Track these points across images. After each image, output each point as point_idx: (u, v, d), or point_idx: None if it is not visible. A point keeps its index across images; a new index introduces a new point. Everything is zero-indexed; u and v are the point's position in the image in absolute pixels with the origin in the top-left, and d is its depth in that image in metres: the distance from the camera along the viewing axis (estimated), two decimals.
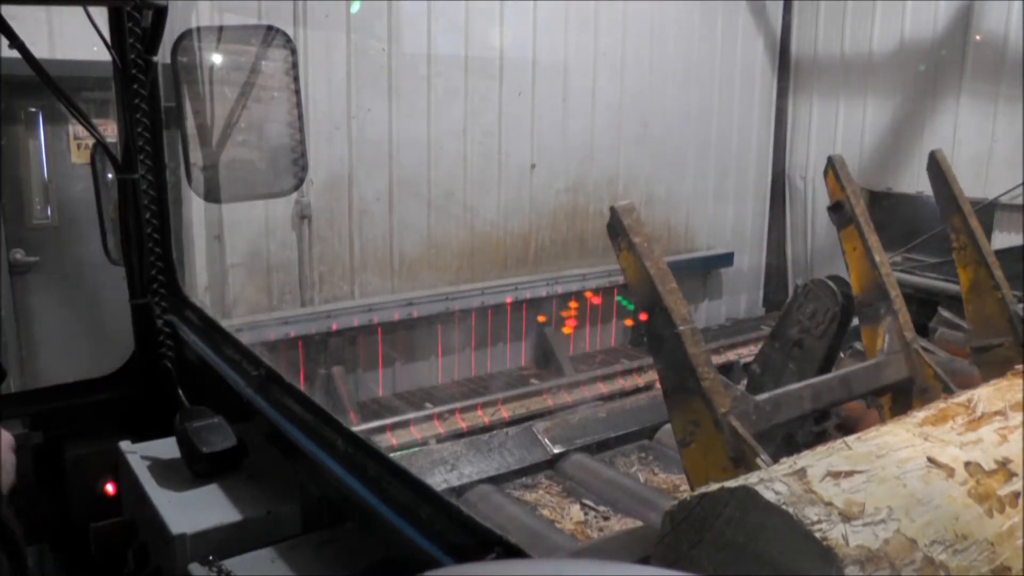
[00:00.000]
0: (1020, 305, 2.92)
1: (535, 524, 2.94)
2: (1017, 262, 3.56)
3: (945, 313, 4.20)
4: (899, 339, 2.65)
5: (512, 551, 1.27)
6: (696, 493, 1.40)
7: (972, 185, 6.07)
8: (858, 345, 3.63)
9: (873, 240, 2.75)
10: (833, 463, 1.44)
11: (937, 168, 2.99)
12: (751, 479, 1.36)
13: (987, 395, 1.80)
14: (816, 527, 1.24)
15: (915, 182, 7.48)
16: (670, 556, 1.41)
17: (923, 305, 4.28)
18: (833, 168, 2.82)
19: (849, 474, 1.39)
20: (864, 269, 2.76)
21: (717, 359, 5.94)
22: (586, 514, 3.11)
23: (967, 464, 1.47)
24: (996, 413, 1.68)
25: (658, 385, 2.62)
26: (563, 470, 3.40)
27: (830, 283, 3.04)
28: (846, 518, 1.27)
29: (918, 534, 1.28)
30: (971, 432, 1.60)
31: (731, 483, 1.37)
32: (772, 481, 1.34)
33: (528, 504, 3.16)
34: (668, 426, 2.84)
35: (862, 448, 1.52)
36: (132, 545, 2.03)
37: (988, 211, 6.79)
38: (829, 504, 1.29)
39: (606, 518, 3.09)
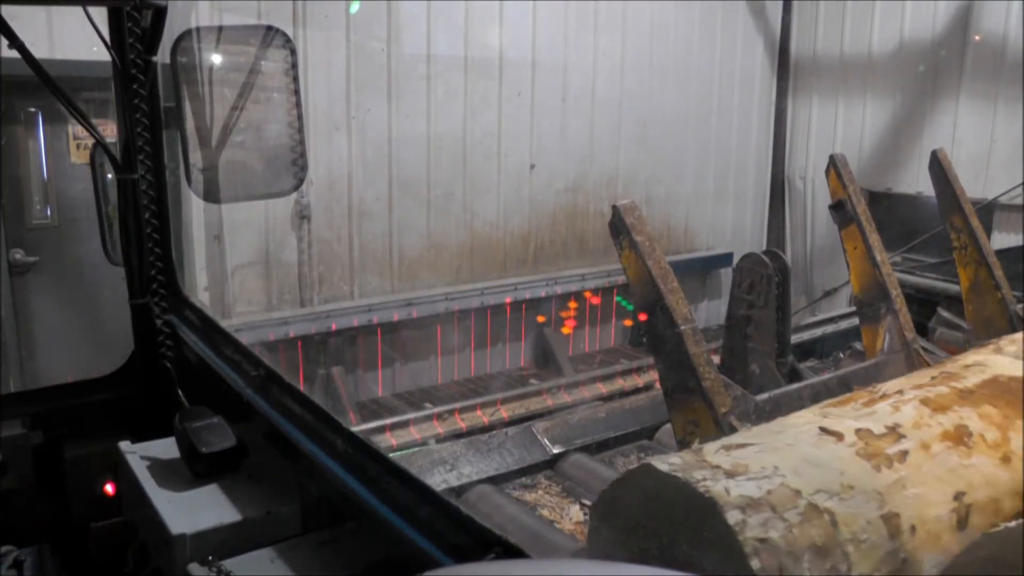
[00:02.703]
0: (1020, 305, 2.91)
1: (535, 524, 2.93)
2: (1017, 262, 3.56)
3: (945, 313, 4.20)
4: (899, 339, 2.65)
5: (512, 551, 1.27)
6: (611, 482, 1.44)
7: (971, 185, 6.06)
8: (858, 345, 3.63)
9: (874, 239, 2.75)
10: (730, 439, 1.50)
11: (939, 167, 2.99)
12: (652, 459, 1.41)
13: (893, 384, 1.79)
14: (701, 484, 1.28)
15: (915, 182, 7.49)
16: (600, 547, 1.45)
17: (923, 305, 4.27)
18: (835, 167, 2.82)
19: (742, 446, 1.44)
20: (865, 268, 2.76)
21: (717, 359, 5.92)
22: (586, 514, 3.11)
23: (858, 431, 1.48)
24: (896, 392, 1.68)
25: (658, 385, 2.62)
26: (563, 470, 3.39)
27: (756, 253, 3.11)
28: (730, 475, 1.32)
29: (803, 486, 1.31)
30: (867, 408, 1.61)
31: (633, 466, 1.42)
32: (670, 457, 1.41)
33: (528, 504, 3.15)
34: (668, 426, 2.84)
35: (762, 428, 1.58)
36: (132, 545, 2.03)
37: (988, 211, 6.79)
38: (716, 467, 1.34)
39: None
